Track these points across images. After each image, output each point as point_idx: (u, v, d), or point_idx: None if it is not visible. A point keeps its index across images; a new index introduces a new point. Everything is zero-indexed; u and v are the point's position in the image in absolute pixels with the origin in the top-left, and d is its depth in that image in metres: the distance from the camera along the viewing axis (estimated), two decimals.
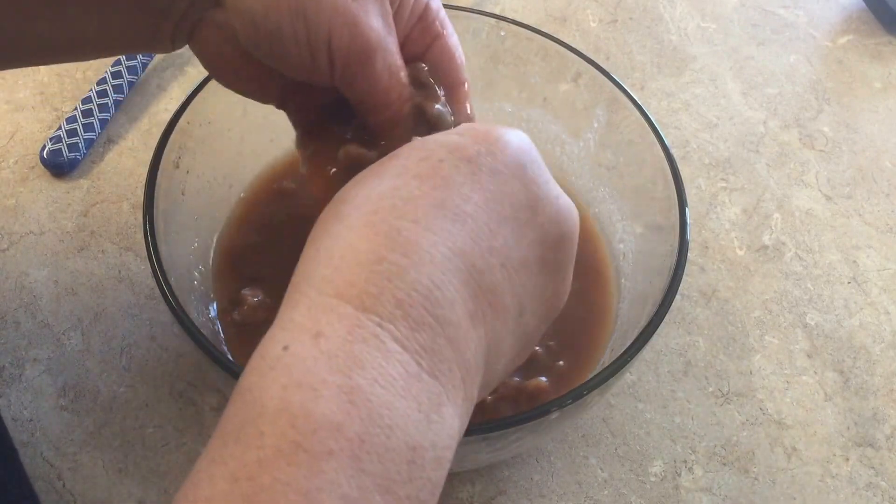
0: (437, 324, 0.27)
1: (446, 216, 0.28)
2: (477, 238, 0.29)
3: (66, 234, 0.55)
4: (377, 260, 0.27)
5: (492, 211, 0.29)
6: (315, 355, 0.25)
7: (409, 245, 0.27)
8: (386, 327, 0.26)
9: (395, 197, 0.29)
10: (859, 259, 0.59)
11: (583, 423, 0.49)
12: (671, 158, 0.46)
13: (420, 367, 0.26)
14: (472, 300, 0.28)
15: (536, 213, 0.31)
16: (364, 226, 0.28)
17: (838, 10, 0.76)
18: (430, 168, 0.29)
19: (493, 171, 0.30)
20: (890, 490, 0.49)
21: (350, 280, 0.27)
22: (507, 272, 0.30)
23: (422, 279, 0.27)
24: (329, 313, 0.26)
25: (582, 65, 0.50)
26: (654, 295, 0.43)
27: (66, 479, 0.45)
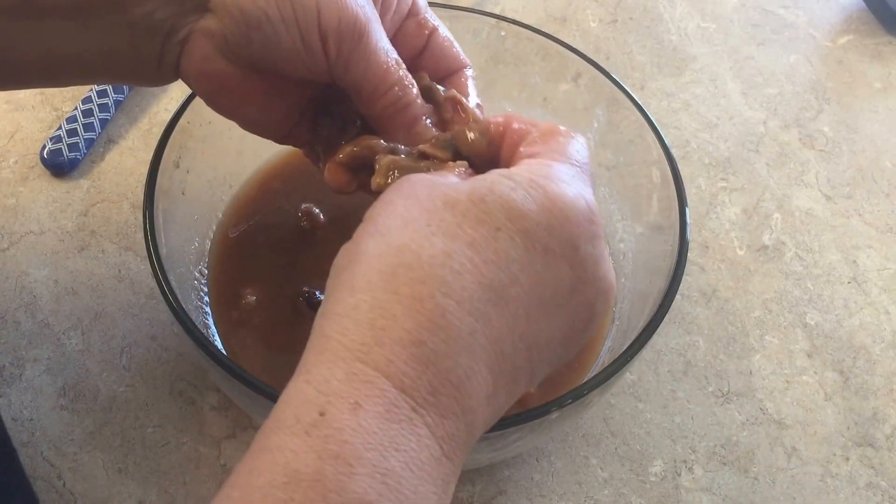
0: (462, 413, 0.27)
1: (490, 299, 0.28)
2: (514, 324, 0.29)
3: (67, 234, 0.55)
4: (418, 342, 0.27)
5: (534, 295, 0.29)
6: (353, 427, 0.25)
7: (450, 330, 0.27)
8: (419, 412, 0.26)
9: (445, 267, 0.28)
10: (859, 259, 0.59)
11: (583, 423, 0.49)
12: (671, 158, 0.46)
13: (442, 451, 0.27)
14: (493, 384, 0.29)
15: (575, 295, 0.30)
16: (410, 297, 0.27)
17: (838, 10, 0.76)
18: (486, 236, 0.29)
19: (547, 251, 0.29)
20: (890, 490, 0.49)
21: (390, 357, 0.26)
22: (530, 353, 0.30)
23: (457, 370, 0.27)
24: (368, 386, 0.26)
25: (582, 65, 0.50)
26: (654, 295, 0.43)
27: (66, 478, 0.45)
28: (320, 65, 0.36)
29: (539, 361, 0.30)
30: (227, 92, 0.37)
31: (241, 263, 0.49)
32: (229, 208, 0.52)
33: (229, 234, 0.51)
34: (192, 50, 0.36)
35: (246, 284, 0.48)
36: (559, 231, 0.30)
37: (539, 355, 0.30)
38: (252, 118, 0.39)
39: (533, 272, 0.29)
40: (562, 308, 0.30)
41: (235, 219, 0.51)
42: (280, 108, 0.39)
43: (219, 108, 0.39)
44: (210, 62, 0.36)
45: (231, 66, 0.36)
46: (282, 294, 0.48)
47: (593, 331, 0.33)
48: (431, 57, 0.40)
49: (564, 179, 0.31)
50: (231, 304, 0.47)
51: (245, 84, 0.37)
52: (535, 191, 0.30)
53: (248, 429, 0.48)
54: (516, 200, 0.29)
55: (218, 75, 0.36)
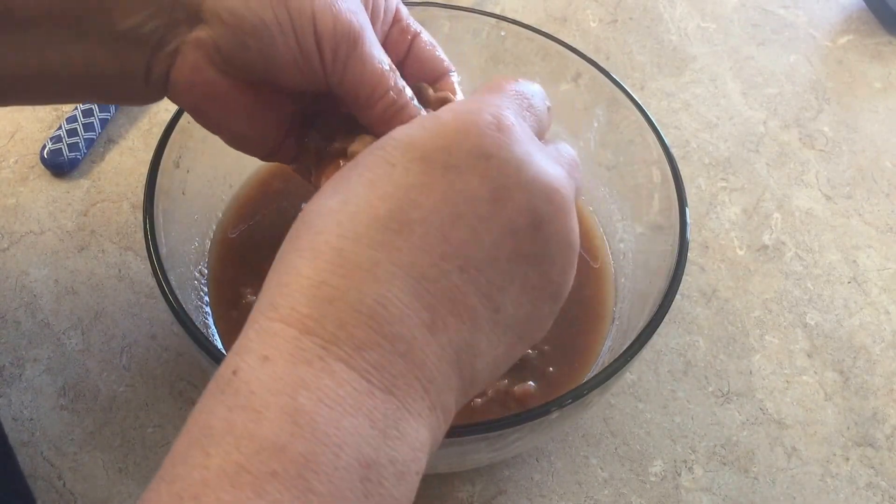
0: (385, 341, 0.27)
1: (390, 228, 0.28)
2: (426, 246, 0.28)
3: (67, 234, 0.55)
4: (318, 283, 0.27)
5: (443, 213, 0.29)
6: (260, 378, 0.25)
7: (349, 266, 0.27)
8: (329, 349, 0.26)
9: (341, 212, 0.28)
10: (859, 259, 0.59)
11: (583, 423, 0.49)
12: (671, 158, 0.46)
13: (371, 384, 0.26)
14: (426, 310, 0.28)
15: (501, 204, 0.29)
16: (309, 249, 0.28)
17: (838, 10, 0.76)
18: (380, 174, 0.29)
19: (447, 168, 0.29)
20: (890, 490, 0.49)
21: (292, 304, 0.27)
22: (467, 274, 0.29)
23: (364, 299, 0.27)
24: (274, 337, 0.26)
25: (582, 65, 0.50)
26: (654, 295, 0.43)
27: (66, 478, 0.45)
28: (316, 71, 0.35)
29: (490, 283, 0.29)
30: (216, 104, 0.37)
31: (241, 263, 0.49)
32: (229, 208, 0.52)
33: (229, 234, 0.51)
34: (182, 62, 0.35)
35: (246, 284, 0.48)
36: (458, 146, 0.29)
37: (484, 274, 0.29)
38: (239, 132, 0.39)
39: (435, 191, 0.29)
40: (488, 219, 0.29)
41: (235, 219, 0.51)
42: (268, 123, 0.39)
43: (207, 121, 0.38)
44: (200, 73, 0.36)
45: (221, 77, 0.36)
46: None
47: (557, 245, 0.31)
48: (415, 61, 0.40)
49: (467, 104, 0.31)
50: (231, 304, 0.47)
51: (234, 96, 0.37)
52: (430, 121, 0.30)
53: None
54: (410, 134, 0.30)
55: (208, 86, 0.36)
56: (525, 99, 0.33)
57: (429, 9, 0.51)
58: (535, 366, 0.46)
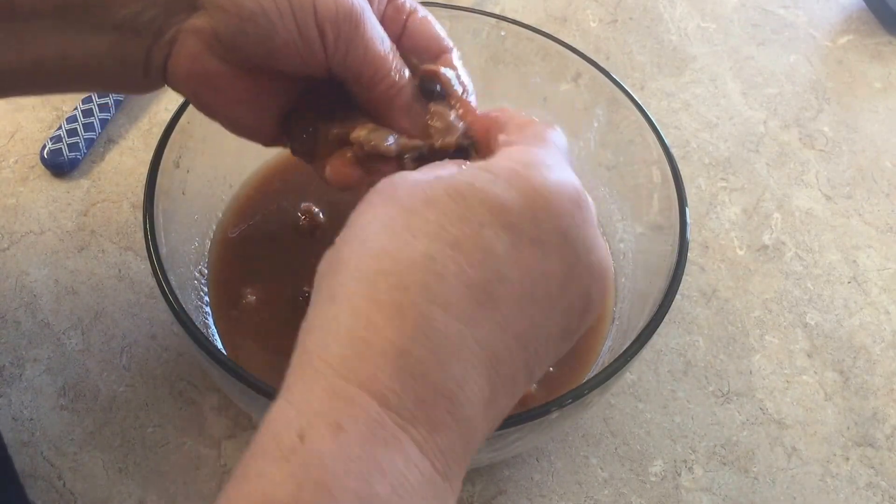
0: (455, 424, 0.26)
1: (479, 301, 0.27)
2: (505, 325, 0.27)
3: (67, 234, 0.55)
4: (403, 353, 0.25)
5: (525, 293, 0.28)
6: (334, 452, 0.24)
7: (437, 338, 0.26)
8: (407, 430, 0.25)
9: (428, 271, 0.26)
10: (859, 259, 0.59)
11: (583, 423, 0.49)
12: (671, 158, 0.46)
13: (434, 469, 0.25)
14: (489, 389, 0.27)
15: (572, 286, 0.29)
16: (392, 306, 0.26)
17: (838, 10, 0.76)
18: (469, 235, 0.27)
19: (535, 243, 0.28)
20: (890, 490, 0.49)
21: (373, 372, 0.25)
22: (527, 353, 0.28)
23: (447, 380, 0.26)
24: (350, 405, 0.24)
25: (582, 65, 0.50)
26: (654, 295, 0.43)
27: (66, 478, 0.45)
28: (317, 55, 0.35)
29: (537, 359, 0.29)
30: (216, 92, 0.37)
31: (241, 263, 0.49)
32: (229, 208, 0.52)
33: (229, 234, 0.51)
34: (181, 50, 0.35)
35: (246, 284, 0.48)
36: (546, 220, 0.28)
37: (536, 353, 0.29)
38: (240, 119, 0.39)
39: (522, 267, 0.28)
40: (556, 301, 0.29)
41: (235, 219, 0.51)
42: (269, 109, 0.39)
43: (207, 109, 0.38)
44: (199, 61, 0.35)
45: (220, 64, 0.36)
46: (282, 294, 0.48)
47: (592, 319, 0.31)
48: (411, 39, 0.40)
49: (547, 164, 0.30)
50: (231, 304, 0.47)
51: (234, 83, 0.36)
52: (517, 180, 0.28)
53: (249, 429, 0.48)
54: (498, 194, 0.28)
55: (207, 74, 0.36)
56: (564, 147, 0.33)
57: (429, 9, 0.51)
58: None
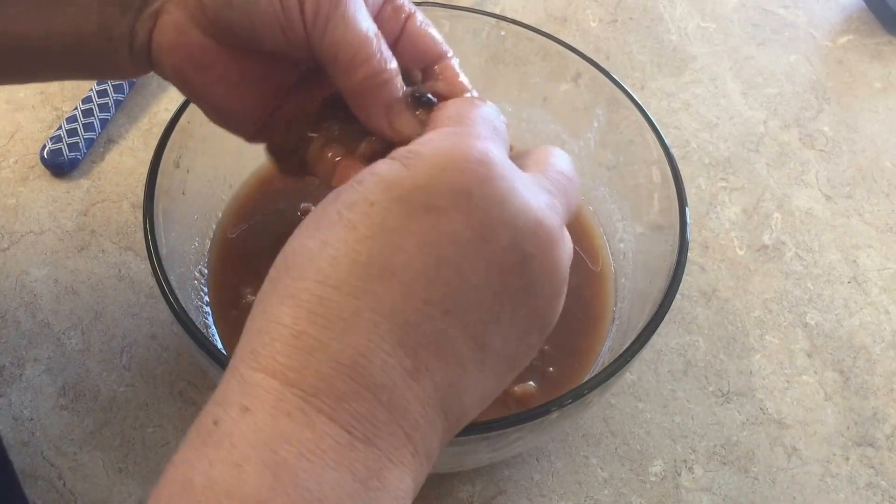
0: (366, 391, 0.26)
1: (371, 274, 0.27)
2: (409, 292, 0.27)
3: (67, 234, 0.55)
4: (299, 334, 0.26)
5: (427, 256, 0.28)
6: (242, 430, 0.25)
7: (330, 315, 0.27)
8: (310, 401, 0.26)
9: (321, 257, 0.27)
10: (859, 259, 0.59)
11: (583, 423, 0.49)
12: (671, 158, 0.46)
13: (352, 436, 0.26)
14: (409, 357, 0.27)
15: (485, 243, 0.28)
16: (288, 295, 0.27)
17: (838, 10, 0.76)
18: (360, 214, 0.28)
19: (429, 208, 0.28)
20: (890, 490, 0.49)
21: (273, 354, 0.26)
22: (452, 317, 0.28)
23: (345, 350, 0.26)
24: (255, 388, 0.26)
25: (582, 65, 0.50)
26: (654, 295, 0.43)
27: (66, 478, 0.45)
28: (297, 31, 0.34)
29: (477, 324, 0.29)
30: (201, 70, 0.36)
31: (241, 263, 0.49)
32: (229, 208, 0.52)
33: (229, 235, 0.51)
34: (165, 22, 0.35)
35: (246, 284, 0.48)
36: (439, 184, 0.28)
37: (469, 315, 0.28)
38: (223, 102, 0.38)
39: (418, 235, 0.28)
40: (474, 260, 0.28)
41: (235, 219, 0.51)
42: (253, 96, 0.38)
43: (189, 87, 0.37)
44: (183, 33, 0.35)
45: (205, 38, 0.35)
46: None
47: (543, 280, 0.30)
48: (409, 43, 0.39)
49: (444, 137, 0.30)
50: (231, 304, 0.47)
51: (219, 61, 0.36)
52: (410, 158, 0.29)
53: None
54: (390, 172, 0.28)
55: (191, 48, 0.36)
56: (490, 122, 0.32)
57: (429, 9, 0.51)
58: (535, 366, 0.46)
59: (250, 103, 0.38)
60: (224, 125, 0.40)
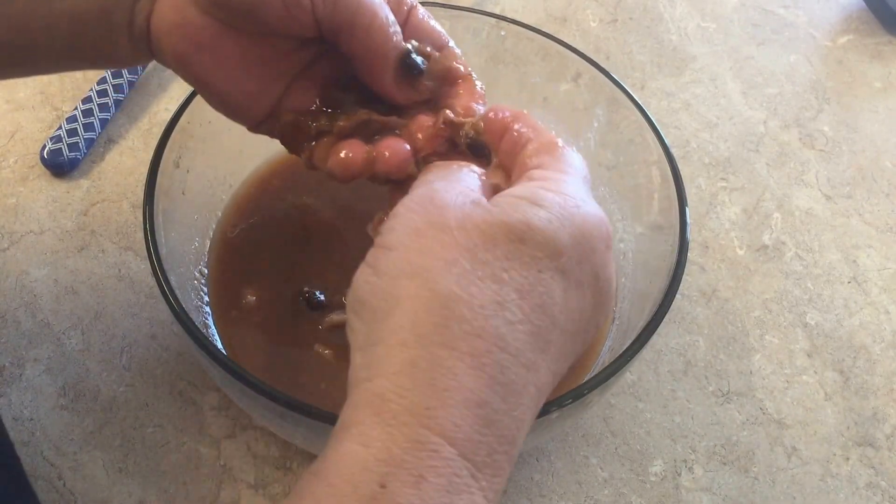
0: (509, 465, 0.27)
1: (538, 346, 0.28)
2: (553, 367, 0.29)
3: (66, 234, 0.55)
4: (482, 403, 0.26)
5: (567, 333, 0.29)
6: (414, 502, 0.24)
7: (508, 387, 0.27)
8: (477, 478, 0.26)
9: (498, 317, 0.27)
10: (859, 259, 0.59)
11: (583, 423, 0.49)
12: (671, 158, 0.46)
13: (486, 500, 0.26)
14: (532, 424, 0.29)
15: (594, 317, 0.31)
16: (469, 354, 0.26)
17: (838, 10, 0.76)
18: (532, 281, 0.28)
19: (579, 286, 0.29)
20: (890, 490, 0.49)
21: (457, 422, 0.25)
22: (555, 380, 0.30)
23: (512, 426, 0.27)
24: (433, 455, 0.25)
25: (582, 65, 0.50)
26: (654, 295, 0.43)
27: (66, 478, 0.45)
28: (305, 9, 0.34)
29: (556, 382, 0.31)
30: (201, 51, 0.36)
31: (241, 263, 0.49)
32: (229, 208, 0.52)
33: (229, 234, 0.51)
34: (162, 5, 0.35)
35: (246, 284, 0.48)
36: (587, 262, 0.29)
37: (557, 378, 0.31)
38: (224, 87, 0.38)
39: (568, 311, 0.29)
40: (585, 333, 0.31)
41: (235, 219, 0.51)
42: (255, 79, 0.38)
43: (191, 72, 0.37)
44: (182, 13, 0.35)
45: (204, 17, 0.35)
46: (282, 294, 0.48)
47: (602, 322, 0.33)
48: (414, 32, 0.39)
49: (585, 199, 0.31)
50: (231, 304, 0.47)
51: (220, 41, 0.36)
52: (567, 220, 0.29)
53: (248, 429, 0.48)
54: (553, 236, 0.28)
55: (189, 28, 0.35)
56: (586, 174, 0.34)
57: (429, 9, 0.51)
58: None
59: (253, 88, 0.38)
60: (227, 112, 0.40)
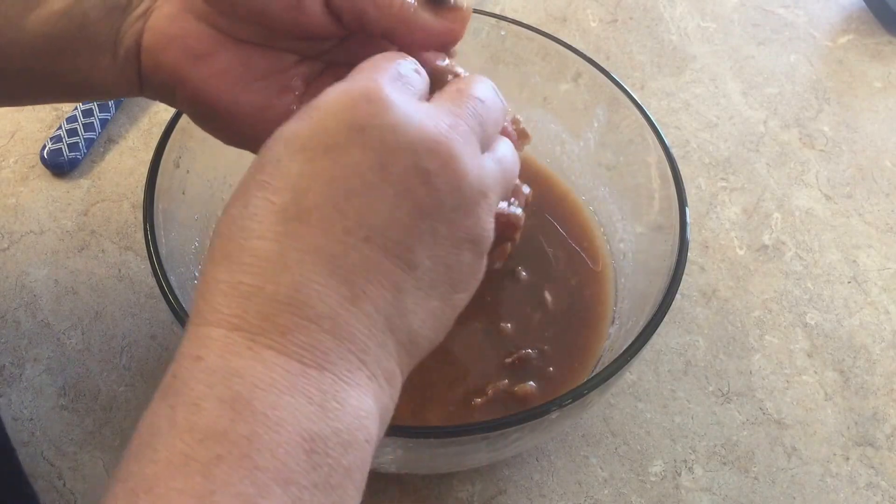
0: (309, 322, 0.28)
1: (288, 219, 0.29)
2: (327, 227, 0.29)
3: (67, 234, 0.55)
4: (235, 284, 0.28)
5: (335, 190, 0.29)
6: (196, 375, 0.27)
7: (259, 262, 0.28)
8: (257, 339, 0.27)
9: (243, 216, 0.29)
10: (859, 259, 0.59)
11: (583, 423, 0.49)
12: (671, 158, 0.46)
13: (303, 364, 0.27)
14: (344, 286, 0.29)
15: (387, 168, 0.30)
16: (221, 256, 0.29)
17: (838, 10, 0.76)
18: (270, 172, 0.30)
19: (327, 149, 0.30)
20: (890, 490, 0.49)
21: (214, 307, 0.28)
22: (373, 242, 0.30)
23: (279, 289, 0.28)
24: (204, 339, 0.28)
25: (582, 65, 0.50)
26: (654, 295, 0.43)
27: (66, 478, 0.45)
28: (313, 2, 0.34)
29: (398, 244, 0.30)
30: (198, 58, 0.35)
31: None
32: None
33: None
34: (157, 17, 0.34)
35: None
36: (332, 127, 0.30)
37: (390, 236, 0.30)
38: (226, 101, 0.37)
39: (322, 174, 0.29)
40: (380, 186, 0.30)
41: None
42: (258, 93, 0.37)
43: (189, 86, 0.36)
44: (176, 22, 0.34)
45: (203, 27, 0.35)
46: None
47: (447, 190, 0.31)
48: None
49: (337, 86, 0.31)
50: None
51: (219, 49, 0.35)
52: (307, 110, 0.31)
53: None
54: (290, 128, 0.30)
55: (186, 38, 0.35)
56: (395, 69, 0.33)
57: None
58: (535, 366, 0.46)
59: (257, 102, 0.37)
60: (226, 134, 0.39)
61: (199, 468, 0.25)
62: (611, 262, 0.52)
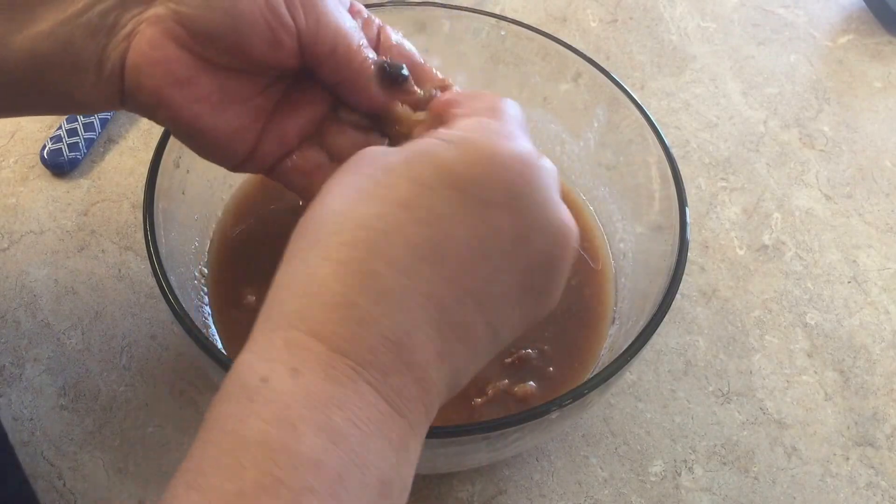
0: (406, 368, 0.28)
1: (423, 257, 0.28)
2: (453, 280, 0.29)
3: (67, 234, 0.55)
4: (350, 304, 0.27)
5: (473, 248, 0.29)
6: (293, 391, 0.26)
7: (382, 292, 0.28)
8: (360, 372, 0.27)
9: (375, 229, 0.28)
10: (859, 259, 0.59)
11: (583, 423, 0.49)
12: (671, 158, 0.46)
13: (391, 407, 0.27)
14: (440, 340, 0.29)
15: (526, 243, 0.30)
16: (339, 262, 0.28)
17: (838, 10, 0.76)
18: (416, 195, 0.29)
19: (483, 204, 0.29)
20: (890, 490, 0.49)
21: (323, 321, 0.27)
22: (482, 307, 0.30)
23: (394, 328, 0.27)
24: (305, 351, 0.27)
25: (582, 65, 0.50)
26: (654, 295, 0.43)
27: (66, 478, 0.45)
28: (285, 23, 0.34)
29: (498, 314, 0.30)
30: (179, 84, 0.35)
31: (241, 263, 0.49)
32: (229, 208, 0.52)
33: (229, 235, 0.51)
34: (140, 40, 0.34)
35: (246, 284, 0.48)
36: (494, 182, 0.30)
37: (495, 309, 0.30)
38: (206, 124, 0.36)
39: (469, 225, 0.29)
40: (511, 257, 0.30)
41: (235, 219, 0.51)
42: (235, 116, 0.37)
43: (170, 109, 0.36)
44: (160, 48, 0.34)
45: (183, 53, 0.35)
46: None
47: (558, 280, 0.32)
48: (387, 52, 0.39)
49: (496, 130, 0.31)
50: (231, 304, 0.47)
51: (199, 76, 0.35)
52: (465, 144, 0.30)
53: None
54: (446, 157, 0.30)
55: (169, 65, 0.35)
56: (519, 118, 0.34)
57: (429, 9, 0.51)
58: (535, 366, 0.46)
59: (234, 124, 0.37)
60: (206, 152, 0.39)
61: (289, 496, 0.24)
62: (611, 261, 0.52)
